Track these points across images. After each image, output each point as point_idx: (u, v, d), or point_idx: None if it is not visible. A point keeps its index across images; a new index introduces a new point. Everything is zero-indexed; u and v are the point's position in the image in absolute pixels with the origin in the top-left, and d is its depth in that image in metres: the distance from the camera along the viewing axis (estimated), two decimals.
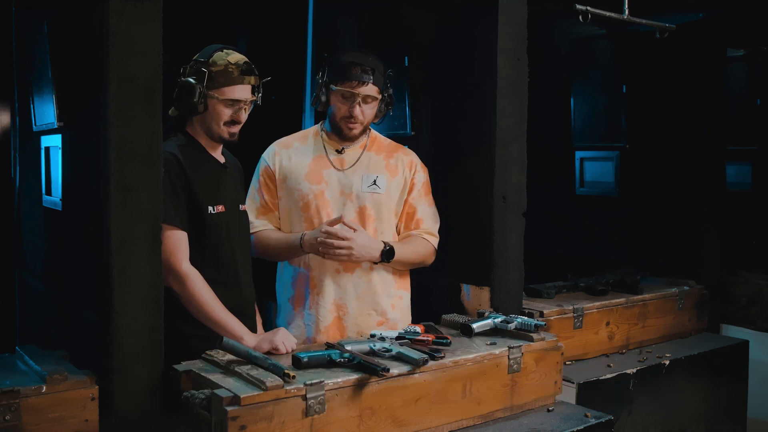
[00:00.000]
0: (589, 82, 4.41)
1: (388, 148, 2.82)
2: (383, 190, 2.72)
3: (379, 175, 2.73)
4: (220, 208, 2.40)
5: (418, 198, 2.79)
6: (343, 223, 2.59)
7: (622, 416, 3.07)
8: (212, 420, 1.91)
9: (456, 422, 2.31)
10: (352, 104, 2.64)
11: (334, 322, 2.68)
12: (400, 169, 2.77)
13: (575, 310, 3.17)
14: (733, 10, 3.89)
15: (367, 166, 2.74)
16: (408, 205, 2.79)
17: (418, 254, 2.77)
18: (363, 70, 2.60)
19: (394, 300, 2.76)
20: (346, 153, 2.74)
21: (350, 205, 2.70)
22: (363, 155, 2.75)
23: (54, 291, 2.64)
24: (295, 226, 2.72)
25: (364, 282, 2.70)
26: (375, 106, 2.69)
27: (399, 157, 2.80)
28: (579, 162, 4.51)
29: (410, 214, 2.79)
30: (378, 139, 2.83)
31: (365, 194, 2.70)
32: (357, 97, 2.62)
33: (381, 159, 2.77)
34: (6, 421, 1.82)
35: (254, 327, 2.53)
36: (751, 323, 4.03)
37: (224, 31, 4.13)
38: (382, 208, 2.73)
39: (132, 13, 2.03)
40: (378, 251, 2.64)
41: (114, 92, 2.02)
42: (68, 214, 2.43)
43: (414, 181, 2.79)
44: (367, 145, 2.78)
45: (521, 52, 2.91)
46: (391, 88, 2.74)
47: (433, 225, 2.81)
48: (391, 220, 2.76)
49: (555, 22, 4.36)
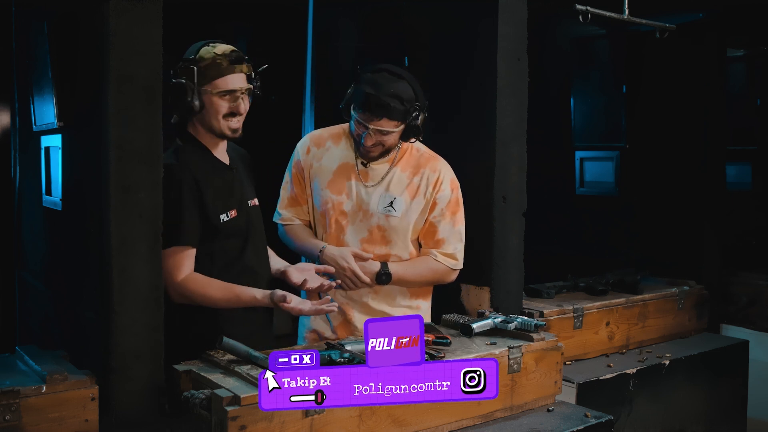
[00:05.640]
0: (589, 82, 4.41)
1: (417, 163, 2.68)
2: (399, 213, 2.64)
3: (397, 197, 2.64)
4: (233, 213, 2.38)
5: (440, 217, 2.67)
6: (353, 254, 2.57)
7: (622, 416, 3.07)
8: (212, 420, 1.91)
9: (456, 422, 2.31)
10: (365, 133, 2.54)
11: (342, 323, 2.70)
12: (422, 189, 2.65)
13: (575, 310, 3.17)
14: (733, 10, 3.89)
15: (388, 185, 2.65)
16: (429, 224, 2.67)
17: (425, 277, 2.69)
18: (378, 104, 2.47)
19: (408, 312, 2.72)
20: (371, 167, 2.65)
21: (365, 222, 2.65)
22: (389, 172, 2.65)
23: (54, 291, 2.64)
24: (318, 226, 2.71)
25: (367, 292, 2.67)
26: (396, 135, 2.56)
27: (425, 174, 2.66)
28: (579, 162, 4.51)
29: (431, 233, 2.68)
30: (409, 152, 2.69)
31: (380, 215, 2.64)
32: (368, 128, 2.52)
33: (405, 177, 2.66)
34: (6, 421, 1.82)
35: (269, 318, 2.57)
36: (751, 323, 4.03)
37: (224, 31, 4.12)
38: (398, 231, 2.65)
39: (132, 13, 2.03)
40: (373, 274, 2.60)
41: (114, 92, 2.02)
42: (68, 214, 2.43)
43: (436, 200, 2.66)
44: (396, 159, 2.66)
45: (521, 52, 2.91)
46: (421, 111, 2.56)
47: (455, 246, 2.69)
48: (405, 243, 2.68)
49: (555, 22, 4.36)
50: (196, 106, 2.31)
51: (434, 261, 2.69)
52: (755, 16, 4.13)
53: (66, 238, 2.48)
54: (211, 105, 2.33)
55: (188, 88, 2.29)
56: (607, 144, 4.36)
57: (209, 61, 2.30)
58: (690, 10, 3.85)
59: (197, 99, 2.31)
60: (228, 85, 2.31)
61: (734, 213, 4.32)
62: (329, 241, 2.66)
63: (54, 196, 2.55)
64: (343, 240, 2.65)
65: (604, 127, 4.37)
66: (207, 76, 2.30)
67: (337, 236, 2.66)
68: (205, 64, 2.30)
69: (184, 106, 2.31)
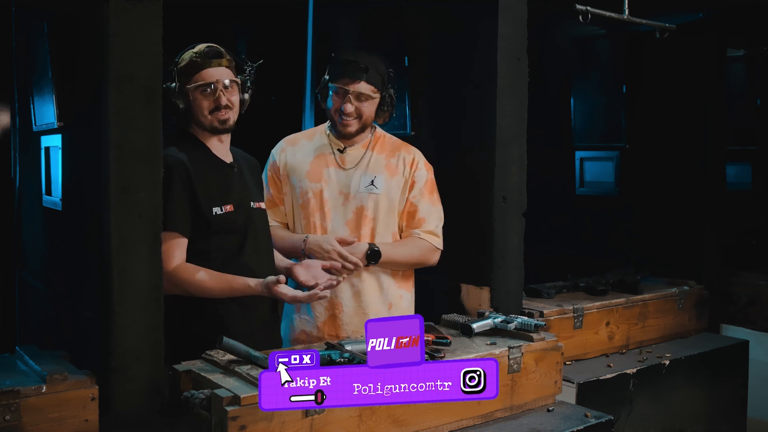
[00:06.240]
0: (589, 82, 4.41)
1: (392, 147, 2.80)
2: (381, 190, 2.72)
3: (377, 175, 2.73)
4: (227, 208, 2.40)
5: (419, 196, 2.76)
6: (337, 240, 2.63)
7: (622, 416, 3.07)
8: (212, 420, 1.91)
9: (456, 422, 2.31)
10: (344, 101, 2.65)
11: (329, 320, 2.72)
12: (400, 168, 2.76)
13: (575, 310, 3.17)
14: (733, 10, 3.89)
15: (366, 166, 2.74)
16: (409, 204, 2.77)
17: (412, 255, 2.75)
18: (356, 68, 2.62)
19: (394, 299, 2.77)
20: (348, 152, 2.75)
21: (348, 205, 2.71)
22: (365, 155, 2.75)
23: (54, 291, 2.64)
24: (297, 223, 2.75)
25: (359, 281, 2.71)
26: (373, 105, 2.68)
27: (401, 155, 2.78)
28: (579, 162, 4.51)
29: (411, 213, 2.77)
30: (383, 138, 2.81)
31: (363, 194, 2.71)
32: (348, 93, 2.63)
33: (382, 158, 2.76)
34: (6, 421, 1.82)
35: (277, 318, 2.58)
36: (751, 323, 4.03)
37: (224, 31, 4.13)
38: (380, 209, 2.72)
39: (132, 13, 2.03)
40: (362, 253, 2.66)
41: (114, 92, 2.03)
42: (68, 214, 2.43)
43: (415, 178, 2.76)
44: (371, 144, 2.77)
45: (521, 52, 2.91)
46: (393, 89, 2.73)
47: (436, 224, 2.79)
48: (390, 221, 2.75)
49: (555, 22, 4.36)
50: (180, 105, 2.40)
51: (419, 239, 2.76)
52: (755, 16, 4.13)
53: (66, 238, 2.48)
54: (195, 101, 2.41)
55: (171, 90, 2.39)
56: (607, 144, 4.36)
57: (187, 60, 2.41)
58: (690, 10, 3.85)
59: (181, 99, 2.40)
60: (205, 78, 2.39)
61: (734, 213, 4.32)
62: (314, 231, 2.71)
63: (54, 196, 2.55)
64: (327, 227, 2.71)
65: (604, 127, 4.37)
66: (187, 74, 2.40)
67: (321, 224, 2.71)
68: (183, 64, 2.41)
69: (172, 106, 2.39)
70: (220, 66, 2.41)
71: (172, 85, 2.38)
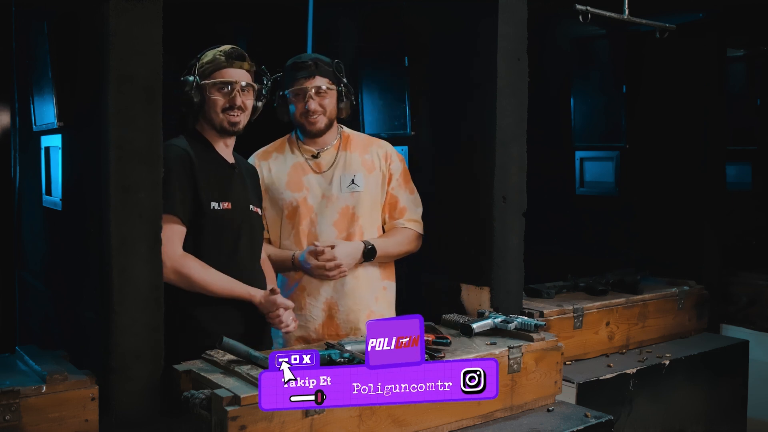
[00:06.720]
0: (589, 82, 4.41)
1: (363, 144, 2.86)
2: (362, 187, 2.77)
3: (357, 173, 2.77)
4: (226, 205, 2.42)
5: (398, 188, 2.84)
6: (315, 245, 2.67)
7: (622, 416, 3.07)
8: (212, 420, 1.91)
9: (456, 422, 2.31)
10: (306, 100, 2.69)
11: (326, 321, 2.74)
12: (376, 163, 2.82)
13: (575, 310, 3.17)
14: (733, 10, 3.89)
15: (344, 166, 2.78)
16: (390, 196, 2.84)
17: (402, 245, 2.83)
18: (305, 67, 2.69)
19: (378, 292, 2.81)
20: (321, 156, 2.79)
21: (332, 207, 2.75)
22: (338, 156, 2.79)
23: (54, 291, 2.64)
24: (284, 235, 2.77)
25: (352, 279, 2.74)
26: (332, 98, 2.73)
27: (373, 151, 2.84)
28: (579, 162, 4.51)
29: (393, 204, 2.85)
30: (351, 137, 2.86)
31: (345, 194, 2.75)
32: (307, 91, 2.68)
33: (356, 156, 2.81)
34: (6, 421, 1.82)
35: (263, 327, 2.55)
36: (751, 323, 4.03)
37: (224, 31, 4.12)
38: (364, 205, 2.77)
39: (132, 13, 2.04)
40: (360, 252, 2.71)
41: (114, 92, 2.03)
42: (68, 214, 2.43)
43: (391, 171, 2.84)
44: (341, 144, 2.82)
45: (521, 52, 2.91)
46: (345, 78, 2.77)
47: (416, 211, 2.87)
48: (375, 216, 2.81)
49: (555, 22, 4.36)
50: (194, 98, 2.42)
51: (404, 229, 2.84)
52: (755, 16, 4.13)
53: (66, 238, 2.48)
54: (210, 97, 2.44)
55: (187, 82, 2.42)
56: (607, 144, 4.36)
57: (210, 57, 2.45)
58: (690, 10, 3.85)
59: (198, 93, 2.42)
60: (224, 76, 2.43)
61: (734, 213, 4.32)
62: (303, 238, 2.73)
63: (54, 196, 2.55)
64: (315, 232, 2.74)
65: (604, 127, 4.36)
66: (207, 70, 2.44)
67: (310, 230, 2.74)
68: (206, 59, 2.45)
69: (186, 99, 2.42)
70: (241, 68, 2.45)
71: (191, 79, 2.42)
